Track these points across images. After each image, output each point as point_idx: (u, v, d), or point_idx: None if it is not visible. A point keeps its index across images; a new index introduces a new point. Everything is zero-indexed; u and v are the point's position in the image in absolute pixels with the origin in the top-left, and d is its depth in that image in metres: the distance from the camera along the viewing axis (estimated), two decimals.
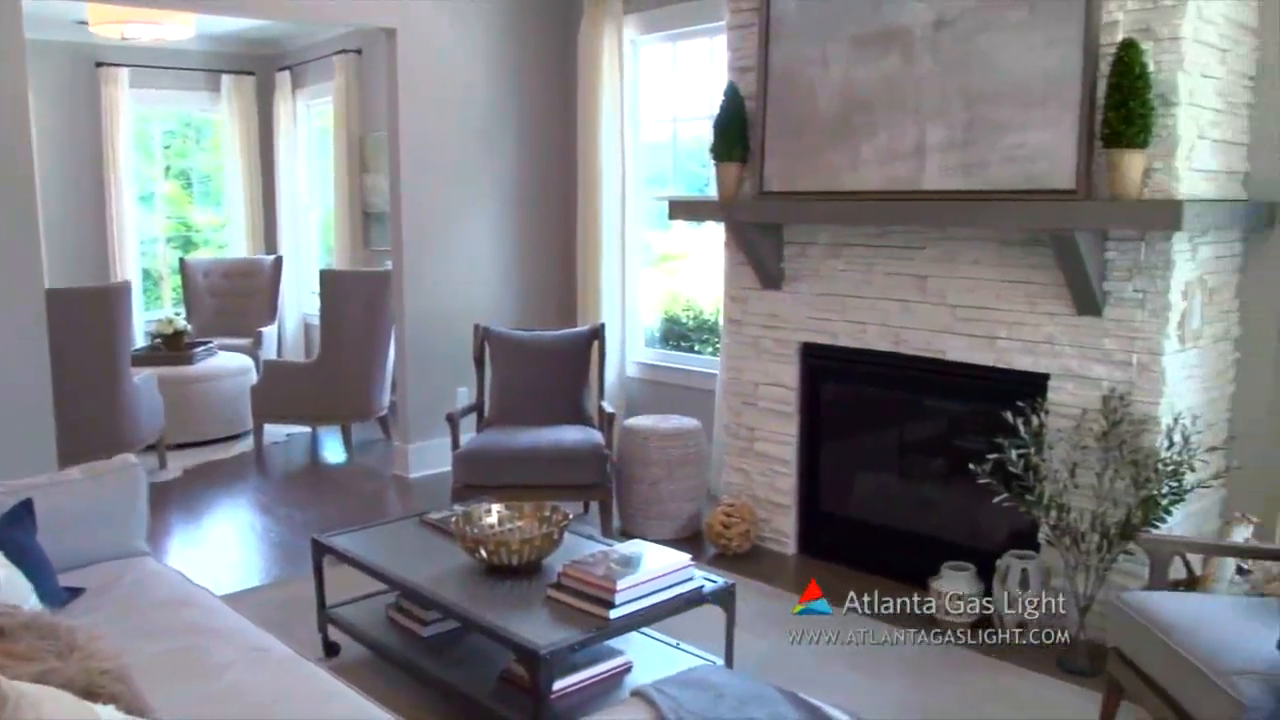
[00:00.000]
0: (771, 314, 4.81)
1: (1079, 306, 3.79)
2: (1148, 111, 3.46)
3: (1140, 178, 3.53)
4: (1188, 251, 3.64)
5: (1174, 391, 3.68)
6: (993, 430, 3.73)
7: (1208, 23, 3.59)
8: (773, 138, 4.60)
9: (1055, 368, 3.89)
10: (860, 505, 4.81)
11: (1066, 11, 3.69)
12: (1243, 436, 3.92)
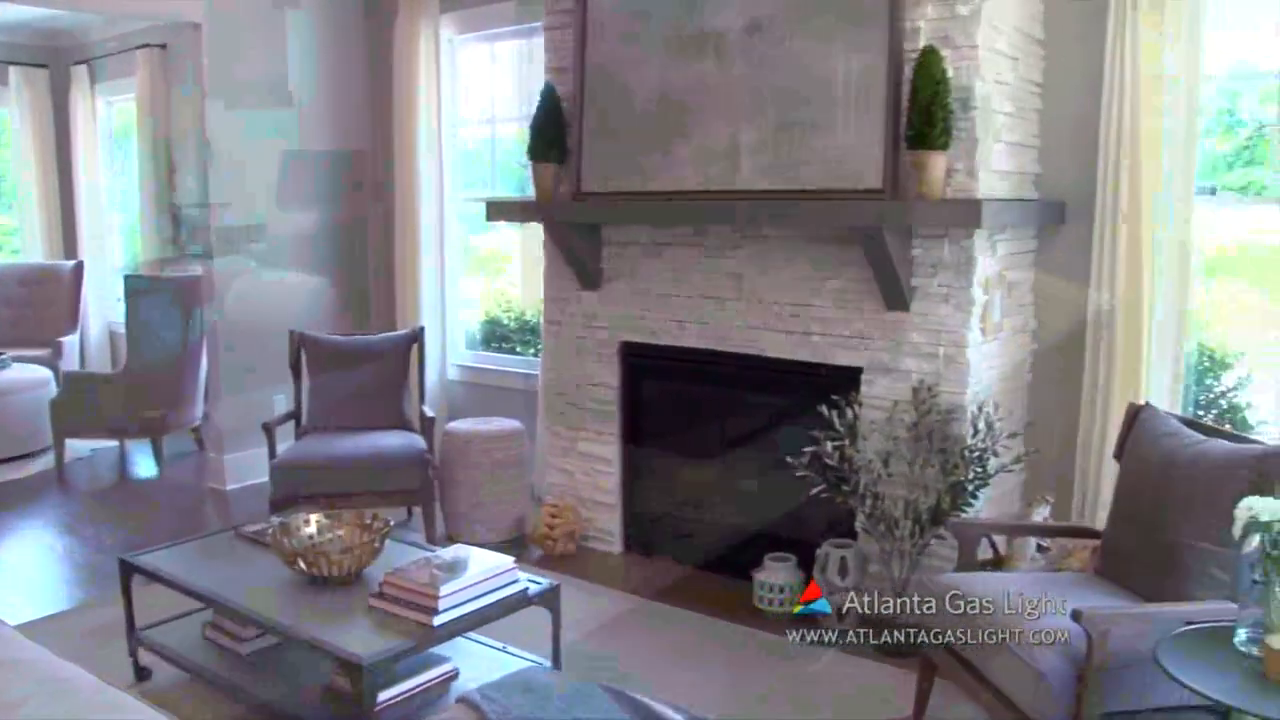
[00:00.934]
0: (591, 314, 4.83)
1: (888, 302, 3.93)
2: (948, 115, 3.62)
3: (942, 178, 3.69)
4: (987, 248, 3.82)
5: (978, 382, 3.86)
6: (810, 424, 3.84)
7: (999, 32, 3.78)
8: (590, 138, 4.62)
9: (868, 361, 4.02)
10: (684, 501, 4.87)
11: (872, 19, 3.82)
12: (1039, 423, 4.14)
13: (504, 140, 6.13)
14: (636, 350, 4.73)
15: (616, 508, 4.86)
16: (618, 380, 4.79)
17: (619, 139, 4.53)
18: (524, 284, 6.16)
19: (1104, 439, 3.83)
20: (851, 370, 4.06)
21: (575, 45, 4.64)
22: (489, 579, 3.17)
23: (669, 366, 4.67)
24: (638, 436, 4.84)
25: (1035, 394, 4.22)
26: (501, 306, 6.35)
